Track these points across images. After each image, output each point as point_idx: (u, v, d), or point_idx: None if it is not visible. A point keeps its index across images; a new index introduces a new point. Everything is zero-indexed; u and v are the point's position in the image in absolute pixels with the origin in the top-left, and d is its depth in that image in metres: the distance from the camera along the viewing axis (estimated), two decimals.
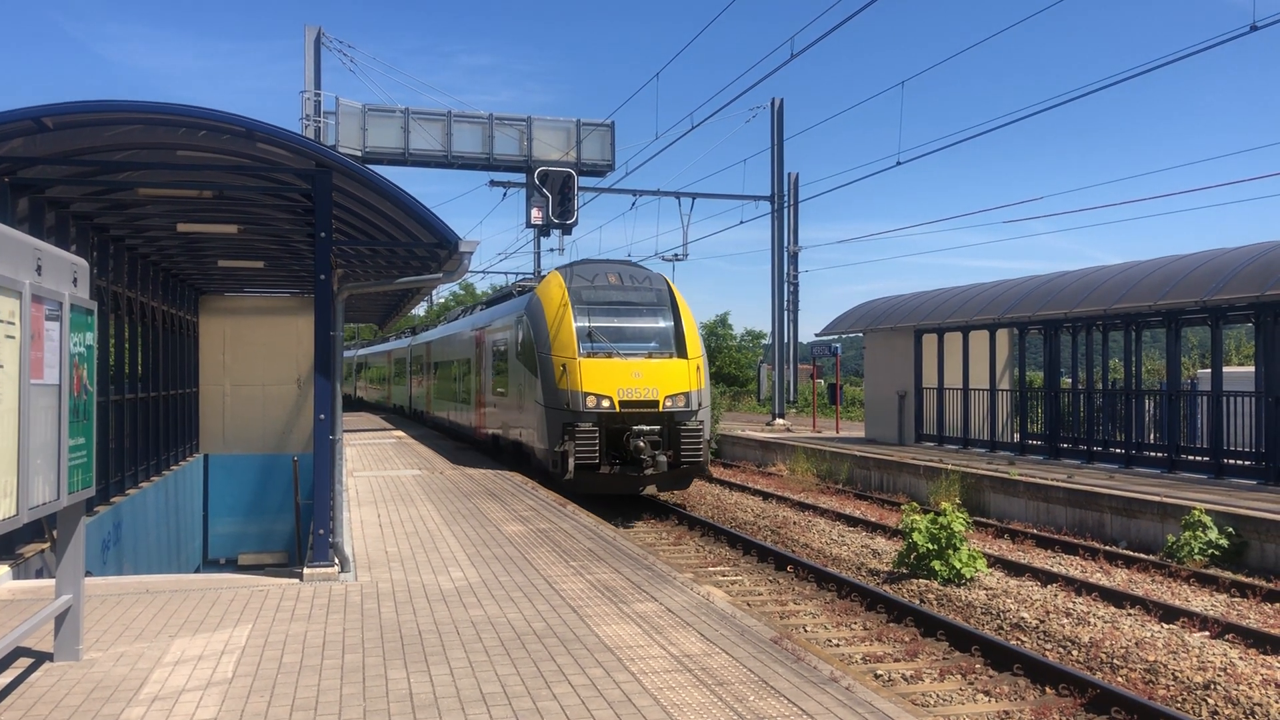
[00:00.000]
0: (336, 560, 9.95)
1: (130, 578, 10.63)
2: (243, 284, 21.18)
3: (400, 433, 33.09)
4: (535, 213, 28.50)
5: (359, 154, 27.13)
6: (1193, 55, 12.92)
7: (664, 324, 19.55)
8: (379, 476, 19.17)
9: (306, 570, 9.81)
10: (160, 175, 11.74)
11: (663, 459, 17.73)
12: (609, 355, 18.55)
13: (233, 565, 19.85)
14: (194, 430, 21.12)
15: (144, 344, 16.91)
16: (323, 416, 9.93)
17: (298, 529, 17.82)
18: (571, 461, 17.51)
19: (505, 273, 62.33)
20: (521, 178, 30.09)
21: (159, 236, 15.09)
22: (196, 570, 19.75)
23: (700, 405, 18.62)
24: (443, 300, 75.25)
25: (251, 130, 9.74)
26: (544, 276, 21.76)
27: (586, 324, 18.91)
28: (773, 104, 32.63)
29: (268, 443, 21.00)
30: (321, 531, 9.95)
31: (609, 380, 18.07)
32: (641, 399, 18.05)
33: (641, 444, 17.67)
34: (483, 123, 29.18)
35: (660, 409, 18.09)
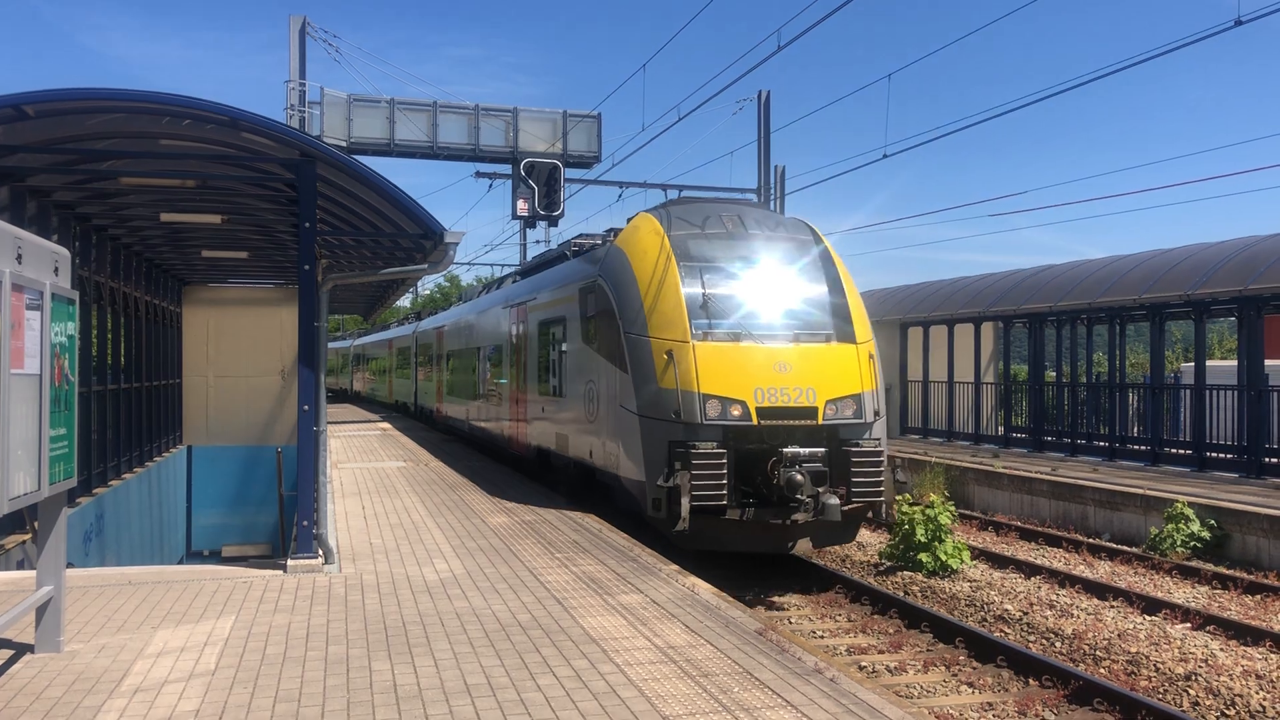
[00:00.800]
0: (320, 552, 9.92)
1: (112, 569, 10.57)
2: (226, 274, 21.10)
3: (386, 425, 32.98)
4: (521, 204, 28.37)
5: (344, 144, 26.97)
6: (1178, 50, 12.94)
7: (816, 290, 13.23)
8: (364, 468, 19.11)
9: (290, 562, 9.78)
10: (143, 164, 11.66)
11: (833, 501, 11.56)
12: (737, 338, 12.42)
13: (216, 557, 19.78)
14: (177, 421, 21.01)
15: (127, 334, 16.82)
16: (306, 408, 9.89)
17: (281, 521, 17.79)
18: (686, 503, 11.43)
19: (491, 264, 62.01)
20: (508, 169, 29.96)
21: (142, 226, 14.99)
22: (180, 562, 19.66)
23: (877, 414, 12.57)
24: (428, 292, 75.07)
25: (236, 119, 9.67)
26: (624, 225, 15.07)
27: (700, 290, 12.76)
28: (759, 96, 32.60)
29: (251, 434, 20.92)
30: (305, 523, 9.92)
31: (741, 376, 12.06)
32: (791, 405, 12.01)
33: (799, 476, 11.51)
34: (469, 113, 29.06)
35: (820, 420, 12.05)
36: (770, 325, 12.70)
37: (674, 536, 11.80)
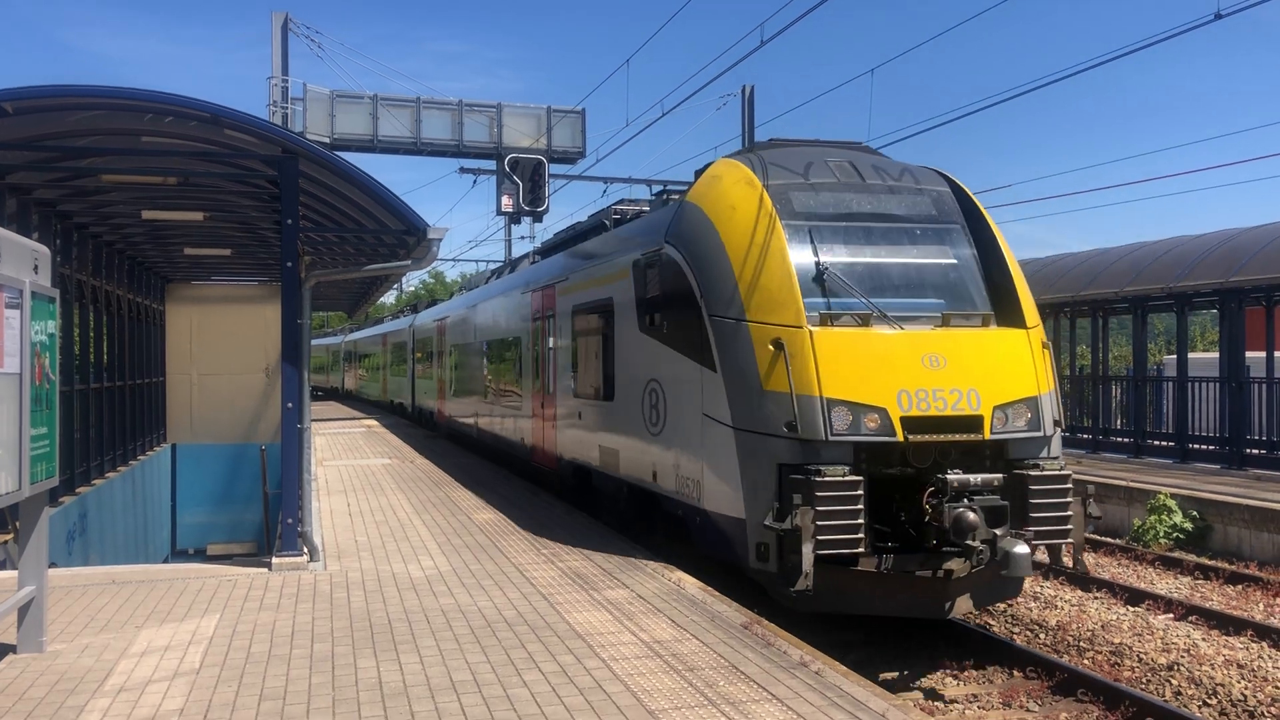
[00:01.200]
0: (305, 549, 9.90)
1: (96, 568, 10.53)
2: (210, 272, 21.02)
3: (372, 422, 32.90)
4: (505, 200, 28.35)
5: (327, 140, 26.88)
6: (1160, 43, 13.05)
7: (964, 256, 10.18)
8: (349, 466, 19.07)
9: (275, 560, 9.76)
10: (125, 162, 11.59)
11: (1021, 549, 8.20)
12: (866, 322, 9.21)
13: (201, 555, 19.70)
14: (161, 420, 20.93)
15: (109, 332, 16.72)
16: (290, 405, 9.87)
17: (266, 519, 17.72)
18: (809, 552, 8.14)
19: (476, 260, 61.65)
20: (492, 165, 29.91)
21: (124, 224, 14.91)
22: (164, 561, 19.58)
23: (1057, 424, 9.33)
24: (413, 288, 74.85)
25: (218, 116, 9.63)
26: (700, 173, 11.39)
27: (814, 258, 9.64)
28: (744, 91, 32.61)
29: (236, 432, 20.85)
30: (290, 521, 9.90)
31: (877, 374, 8.87)
32: (948, 413, 8.76)
33: (972, 514, 8.27)
34: (452, 109, 29.00)
35: (986, 433, 8.84)
36: (910, 304, 9.61)
37: (790, 598, 8.61)
